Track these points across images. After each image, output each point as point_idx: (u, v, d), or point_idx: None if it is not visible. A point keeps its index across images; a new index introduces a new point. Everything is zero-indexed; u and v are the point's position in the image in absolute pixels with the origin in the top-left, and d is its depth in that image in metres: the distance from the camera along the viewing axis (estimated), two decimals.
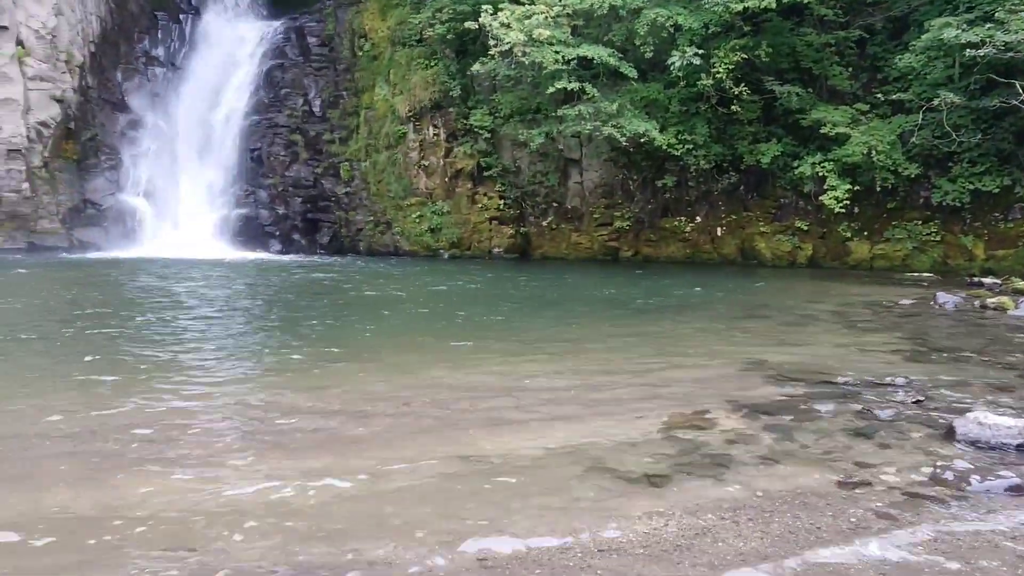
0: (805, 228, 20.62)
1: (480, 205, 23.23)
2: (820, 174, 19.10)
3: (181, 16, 27.18)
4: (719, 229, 21.71)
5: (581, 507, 3.90)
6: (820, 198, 19.19)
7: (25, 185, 21.44)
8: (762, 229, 21.14)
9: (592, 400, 6.14)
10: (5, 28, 21.11)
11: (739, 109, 19.67)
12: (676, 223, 22.02)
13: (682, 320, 11.12)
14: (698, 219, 21.98)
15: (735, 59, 18.69)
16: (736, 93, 19.18)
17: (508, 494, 4.06)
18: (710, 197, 21.79)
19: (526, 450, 4.79)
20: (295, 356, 7.86)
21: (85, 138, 23.40)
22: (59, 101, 22.15)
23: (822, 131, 18.98)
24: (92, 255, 20.95)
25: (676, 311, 12.33)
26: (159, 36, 26.58)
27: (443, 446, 4.85)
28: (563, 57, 18.75)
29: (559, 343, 9.03)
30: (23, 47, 21.49)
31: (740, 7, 17.60)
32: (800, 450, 4.87)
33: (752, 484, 4.25)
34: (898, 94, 18.48)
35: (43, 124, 21.84)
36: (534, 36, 18.50)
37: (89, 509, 3.81)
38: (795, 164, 19.76)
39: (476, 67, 20.34)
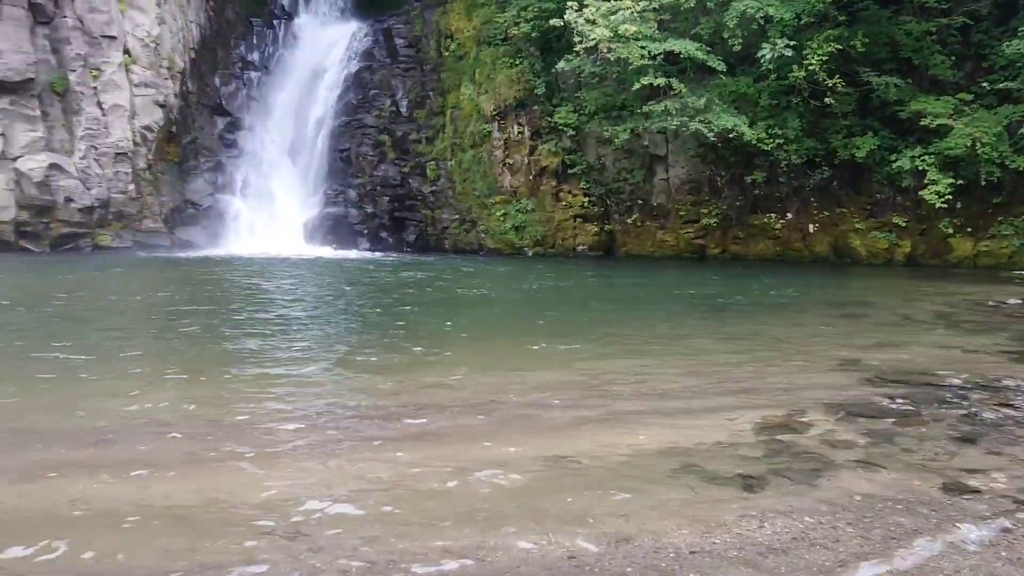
0: (903, 224, 19.83)
1: (564, 203, 23.19)
2: (920, 168, 18.34)
3: (275, 21, 28.09)
4: (811, 226, 21.09)
5: (672, 508, 3.85)
6: (920, 193, 18.41)
7: (131, 187, 22.53)
8: (857, 226, 20.43)
9: (682, 400, 6.05)
10: (114, 38, 22.21)
11: (833, 102, 19.02)
12: (766, 220, 21.48)
13: (774, 319, 10.85)
14: (789, 216, 21.40)
15: (829, 50, 18.10)
16: (830, 85, 18.56)
17: (597, 493, 4.04)
18: (802, 193, 21.18)
19: (615, 449, 4.75)
20: (385, 352, 8.01)
21: (185, 141, 24.43)
22: (162, 106, 23.18)
23: (922, 123, 18.22)
24: (192, 253, 21.86)
25: (767, 310, 12.03)
26: (254, 41, 27.53)
27: (531, 444, 4.86)
28: (649, 52, 18.52)
29: (648, 342, 8.94)
30: (129, 55, 22.57)
31: None
32: (901, 454, 4.68)
33: (851, 488, 4.11)
34: (1005, 83, 17.58)
35: (147, 128, 22.89)
36: (620, 32, 18.34)
37: (192, 496, 3.98)
38: (893, 158, 19.02)
39: (561, 64, 20.30)
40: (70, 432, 5.04)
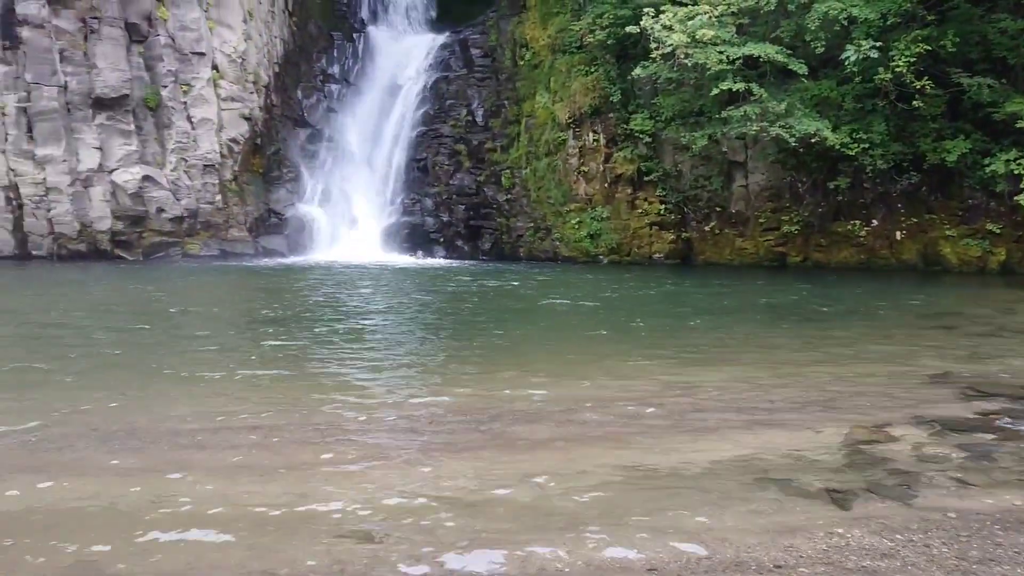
0: (997, 231, 18.97)
1: (640, 210, 23.00)
2: (1015, 172, 17.51)
3: (354, 35, 28.77)
4: (898, 233, 20.37)
5: (756, 521, 3.75)
6: (1015, 198, 17.58)
7: (218, 197, 23.35)
8: (947, 232, 19.64)
9: (766, 411, 5.91)
10: (203, 55, 23.09)
11: (921, 104, 18.32)
12: (850, 227, 20.84)
13: (860, 329, 10.51)
14: (874, 222, 20.72)
15: (917, 51, 17.46)
16: (918, 87, 17.88)
17: (678, 504, 3.97)
18: (888, 199, 20.48)
19: (696, 461, 4.66)
20: (466, 362, 8.06)
21: (269, 152, 25.19)
22: (247, 119, 23.96)
23: (1018, 125, 17.40)
24: (275, 261, 22.50)
25: (853, 319, 11.66)
26: (335, 55, 28.26)
27: (610, 454, 4.81)
28: (728, 57, 18.21)
29: (732, 351, 8.77)
30: (217, 71, 23.42)
31: None
32: (999, 471, 4.46)
33: (944, 505, 3.94)
34: None
35: (233, 141, 23.70)
36: (697, 37, 18.09)
37: (276, 499, 4.08)
38: (986, 162, 18.21)
39: (637, 71, 20.16)
40: (162, 435, 5.23)
